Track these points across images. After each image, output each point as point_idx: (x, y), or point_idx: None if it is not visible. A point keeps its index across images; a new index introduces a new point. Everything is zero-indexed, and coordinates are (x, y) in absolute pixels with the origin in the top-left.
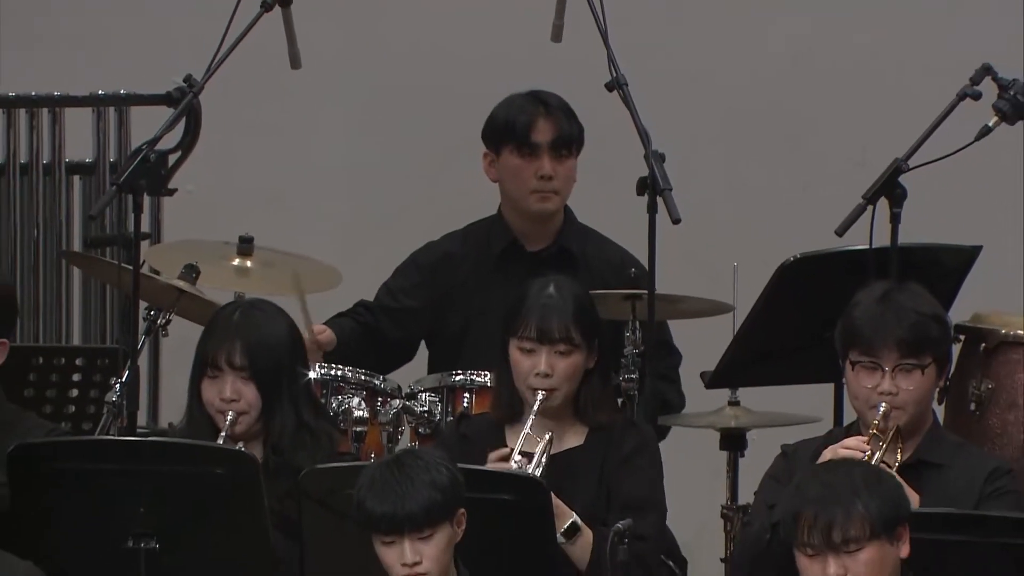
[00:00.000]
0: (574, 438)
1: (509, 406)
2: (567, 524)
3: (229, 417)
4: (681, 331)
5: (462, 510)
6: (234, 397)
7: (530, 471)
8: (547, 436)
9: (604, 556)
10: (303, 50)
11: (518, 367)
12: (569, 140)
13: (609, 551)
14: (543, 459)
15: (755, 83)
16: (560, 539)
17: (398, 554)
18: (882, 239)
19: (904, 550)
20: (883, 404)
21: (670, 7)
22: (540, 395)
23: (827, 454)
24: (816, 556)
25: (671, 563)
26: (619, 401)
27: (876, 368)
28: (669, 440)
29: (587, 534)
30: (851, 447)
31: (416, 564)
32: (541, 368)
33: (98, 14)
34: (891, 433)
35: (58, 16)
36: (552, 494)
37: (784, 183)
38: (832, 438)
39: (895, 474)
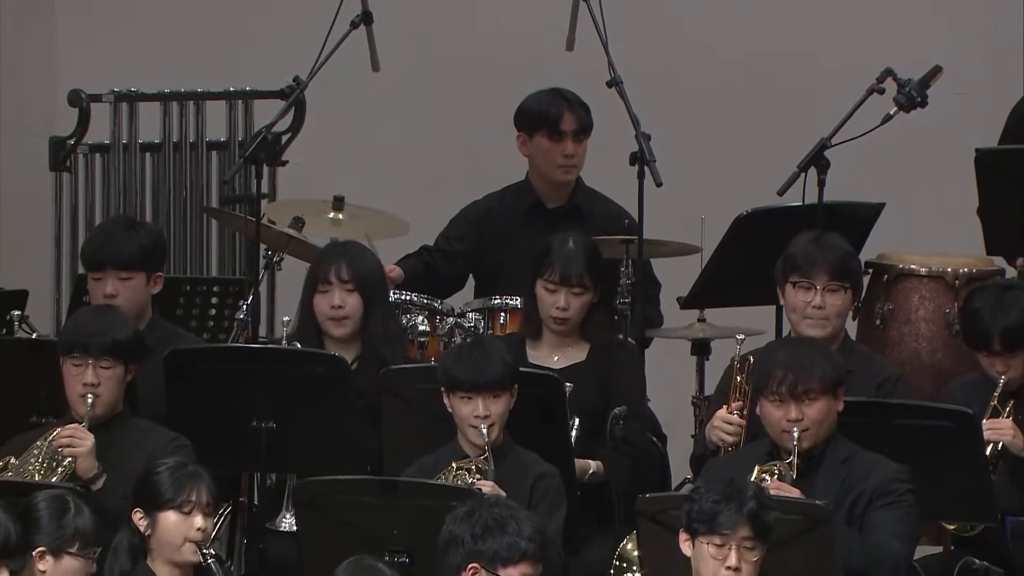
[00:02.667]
0: (578, 354)
1: (533, 326)
2: (590, 471)
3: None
4: (662, 267)
5: (516, 385)
6: (340, 304)
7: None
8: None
9: (615, 470)
10: (380, 55)
11: (543, 301)
12: (586, 128)
13: (609, 430)
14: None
15: (718, 81)
16: (588, 479)
17: (473, 408)
18: (811, 198)
19: (840, 405)
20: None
21: (655, 22)
22: (559, 325)
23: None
24: (781, 404)
25: (655, 439)
26: (615, 317)
27: (811, 287)
28: (653, 348)
29: (600, 468)
30: (720, 424)
31: (486, 416)
32: (560, 303)
33: (231, 29)
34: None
35: (197, 27)
36: (576, 460)
37: (738, 155)
38: (773, 350)
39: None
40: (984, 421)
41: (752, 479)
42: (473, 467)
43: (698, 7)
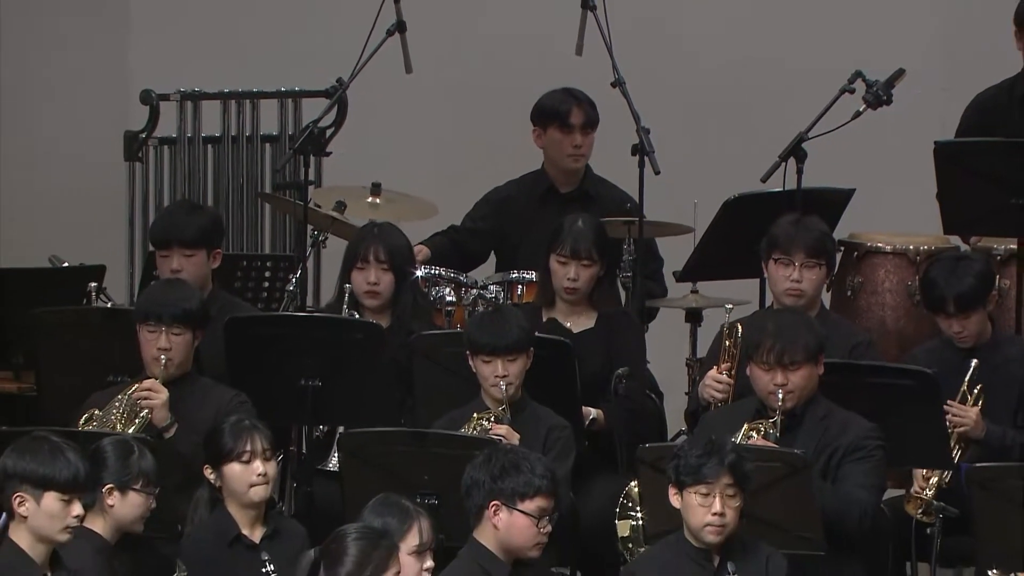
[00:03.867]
0: (587, 321)
1: (548, 296)
2: (591, 417)
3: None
4: (659, 245)
5: (532, 348)
6: (376, 281)
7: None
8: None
9: (614, 417)
10: (412, 59)
11: (556, 273)
12: (593, 122)
13: (613, 388)
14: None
15: (710, 82)
16: (589, 425)
17: (493, 368)
18: (791, 184)
19: (820, 370)
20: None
21: (654, 30)
22: (570, 295)
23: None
24: (769, 370)
25: (653, 396)
26: (620, 290)
27: (790, 264)
28: (658, 315)
29: (600, 415)
30: (711, 383)
31: (505, 376)
32: (571, 275)
33: (282, 35)
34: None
35: (253, 34)
36: (583, 407)
37: (727, 147)
38: (759, 319)
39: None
40: (952, 407)
41: (741, 435)
42: (492, 417)
43: (693, 17)
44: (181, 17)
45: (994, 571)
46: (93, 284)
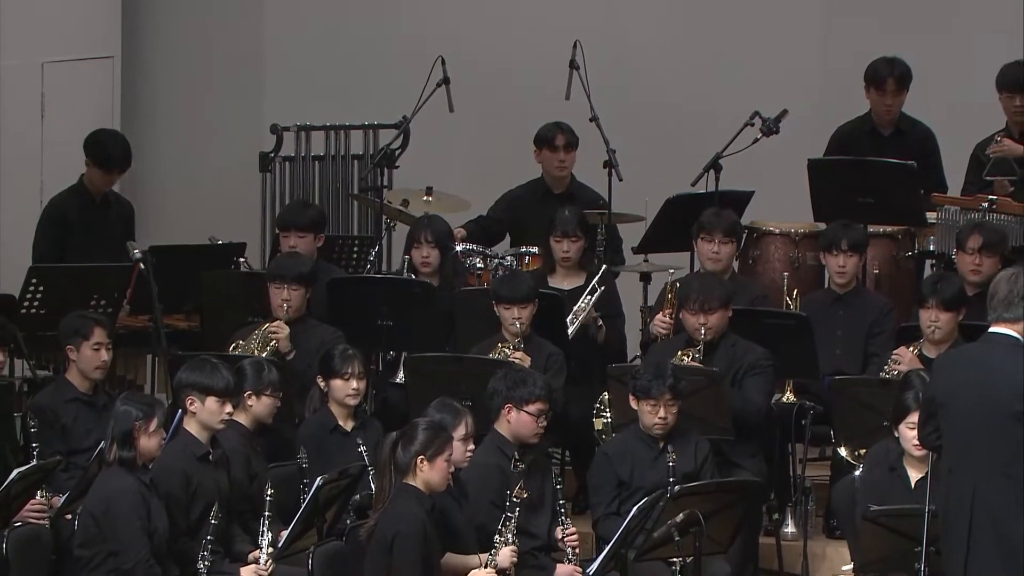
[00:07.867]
0: (579, 281)
1: (550, 265)
2: (599, 324)
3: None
4: (622, 229)
5: (536, 299)
6: (427, 255)
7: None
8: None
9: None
10: (454, 101)
11: (554, 250)
12: (572, 144)
13: (591, 329)
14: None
15: (658, 116)
16: (597, 332)
17: (511, 313)
18: (712, 187)
19: (730, 313)
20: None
21: (618, 82)
22: (566, 263)
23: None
24: (695, 314)
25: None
26: (596, 261)
27: (712, 240)
28: (620, 277)
29: (604, 328)
30: (658, 323)
31: (519, 318)
32: (564, 248)
33: (366, 86)
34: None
35: (345, 85)
36: (592, 318)
37: (669, 161)
38: (689, 279)
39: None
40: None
41: (676, 359)
42: (511, 346)
43: (646, 73)
44: (297, 76)
45: (843, 448)
46: (243, 259)
